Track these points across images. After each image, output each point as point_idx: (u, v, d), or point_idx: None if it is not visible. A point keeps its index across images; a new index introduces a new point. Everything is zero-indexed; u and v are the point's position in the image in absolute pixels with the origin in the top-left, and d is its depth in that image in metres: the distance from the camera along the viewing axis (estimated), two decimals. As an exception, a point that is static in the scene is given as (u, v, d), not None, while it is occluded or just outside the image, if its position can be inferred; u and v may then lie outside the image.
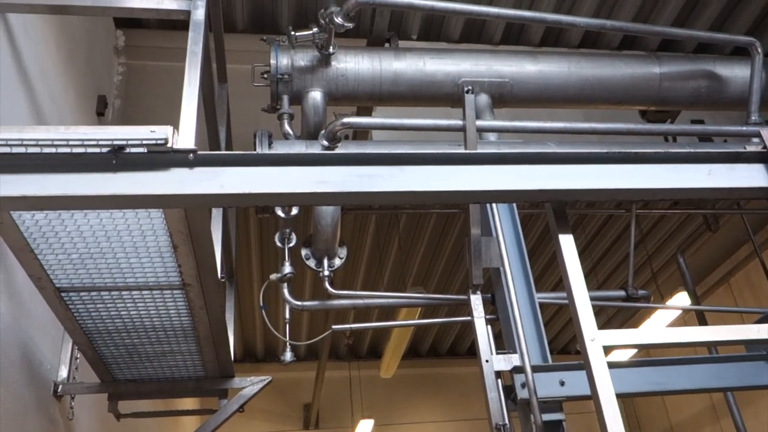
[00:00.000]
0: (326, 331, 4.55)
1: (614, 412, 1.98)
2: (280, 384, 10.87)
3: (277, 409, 11.33)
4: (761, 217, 7.74)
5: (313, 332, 9.79)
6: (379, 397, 11.57)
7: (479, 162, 2.31)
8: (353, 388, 11.11)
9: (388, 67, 4.31)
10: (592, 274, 9.06)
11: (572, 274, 2.25)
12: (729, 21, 5.60)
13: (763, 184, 2.40)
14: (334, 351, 11.37)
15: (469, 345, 11.52)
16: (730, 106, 4.90)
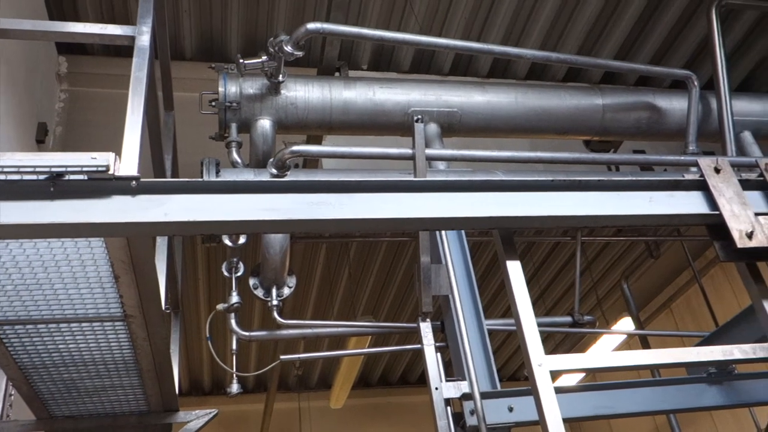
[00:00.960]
0: (275, 362, 4.47)
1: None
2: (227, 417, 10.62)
3: (224, 444, 11.04)
4: (700, 244, 7.99)
5: (262, 363, 9.61)
6: (329, 428, 11.39)
7: (428, 189, 2.33)
8: (303, 420, 10.91)
9: (339, 96, 4.33)
10: (540, 301, 9.19)
11: (519, 300, 2.27)
12: (668, 55, 5.82)
13: (701, 210, 2.48)
14: (284, 382, 11.17)
15: (419, 373, 11.48)
16: (669, 136, 5.08)
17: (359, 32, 3.92)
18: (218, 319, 4.67)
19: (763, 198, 2.57)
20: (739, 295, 8.30)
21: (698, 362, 2.46)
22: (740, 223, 2.41)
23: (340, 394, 8.94)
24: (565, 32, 5.60)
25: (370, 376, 11.76)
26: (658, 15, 5.48)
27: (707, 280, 8.52)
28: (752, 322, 3.41)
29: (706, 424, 9.32)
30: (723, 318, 4.65)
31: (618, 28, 5.55)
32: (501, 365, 11.31)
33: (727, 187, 2.52)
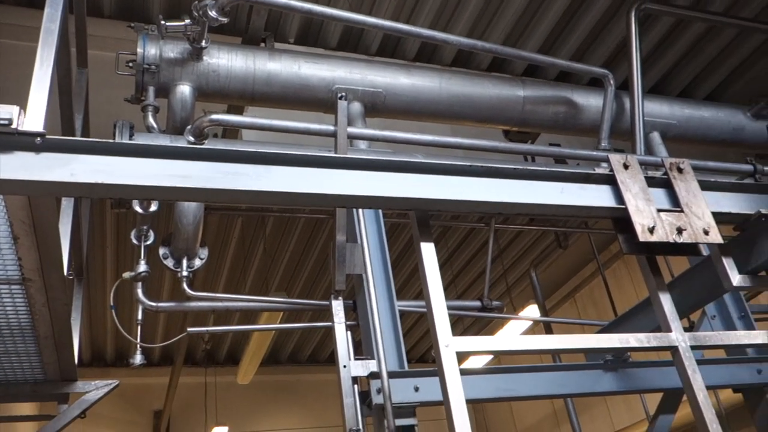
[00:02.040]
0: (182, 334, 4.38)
1: (463, 417, 2.04)
2: (129, 390, 10.36)
3: (126, 416, 10.77)
4: (606, 238, 8.35)
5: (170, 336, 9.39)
6: (235, 404, 11.30)
7: (347, 166, 2.31)
8: (208, 395, 10.78)
9: (263, 67, 4.24)
10: (452, 286, 9.38)
11: (431, 281, 2.30)
12: (588, 53, 6.00)
13: (609, 204, 2.58)
14: (191, 356, 10.99)
15: (329, 353, 11.54)
16: (583, 131, 5.25)
17: (287, 3, 3.84)
18: (125, 288, 4.52)
19: (666, 195, 2.70)
20: (638, 288, 8.75)
21: (597, 348, 2.58)
22: (643, 218, 2.52)
23: (248, 369, 8.87)
24: (492, 23, 5.68)
25: (280, 353, 11.73)
26: (582, 13, 5.64)
27: (610, 273, 8.93)
28: (649, 313, 3.60)
29: (601, 409, 9.81)
30: (623, 309, 4.88)
31: (543, 23, 5.68)
32: (410, 347, 11.51)
33: (634, 183, 2.63)
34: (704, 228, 2.58)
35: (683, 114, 5.39)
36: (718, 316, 4.17)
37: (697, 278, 3.12)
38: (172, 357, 10.16)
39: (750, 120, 5.52)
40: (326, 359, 11.85)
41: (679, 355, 2.43)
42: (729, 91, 6.53)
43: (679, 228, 2.54)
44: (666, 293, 2.60)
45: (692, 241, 2.55)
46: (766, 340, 2.72)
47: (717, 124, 5.49)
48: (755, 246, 2.69)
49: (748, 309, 4.14)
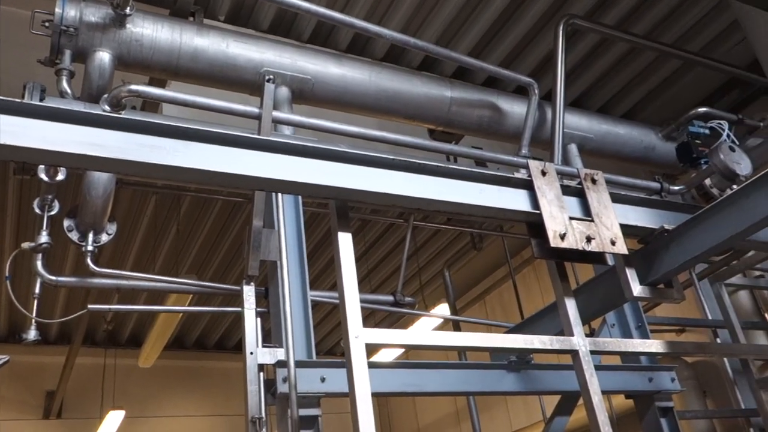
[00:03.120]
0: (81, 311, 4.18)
1: (368, 409, 2.04)
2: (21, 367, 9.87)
3: (15, 395, 10.25)
4: (519, 243, 8.58)
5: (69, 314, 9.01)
6: (134, 388, 10.95)
7: (268, 149, 2.27)
8: (106, 377, 10.40)
9: (189, 42, 4.10)
10: (367, 280, 9.42)
11: (346, 271, 2.29)
12: (517, 61, 6.13)
13: (525, 208, 2.64)
14: (90, 336, 10.57)
15: (237, 340, 11.36)
16: (506, 137, 5.37)
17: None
18: (24, 259, 4.29)
19: (579, 204, 2.78)
20: (545, 294, 9.04)
21: (502, 348, 2.63)
22: (556, 224, 2.59)
23: (150, 352, 8.61)
24: (426, 21, 5.72)
25: (186, 338, 11.45)
26: (514, 21, 5.76)
27: (520, 278, 9.19)
28: (554, 318, 3.71)
29: (501, 409, 10.09)
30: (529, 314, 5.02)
31: (475, 27, 5.76)
32: (321, 339, 11.48)
33: (550, 190, 2.70)
34: (612, 238, 2.68)
35: (600, 129, 5.59)
36: (617, 325, 4.35)
37: (600, 287, 3.24)
38: (70, 335, 9.74)
39: (661, 141, 5.79)
40: (234, 346, 11.66)
41: (578, 359, 2.51)
42: (644, 112, 6.83)
43: (588, 237, 2.63)
44: (571, 299, 2.69)
45: (600, 250, 2.64)
46: (659, 349, 2.86)
47: (631, 141, 5.72)
48: (656, 259, 2.82)
49: (644, 320, 4.35)
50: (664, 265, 2.84)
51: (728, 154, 3.44)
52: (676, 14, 5.77)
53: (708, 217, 2.72)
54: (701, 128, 5.13)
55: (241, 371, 3.24)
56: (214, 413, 11.41)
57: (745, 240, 2.88)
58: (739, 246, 3.17)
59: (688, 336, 7.07)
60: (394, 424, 13.08)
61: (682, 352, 3.75)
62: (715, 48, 6.13)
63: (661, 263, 2.85)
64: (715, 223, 2.70)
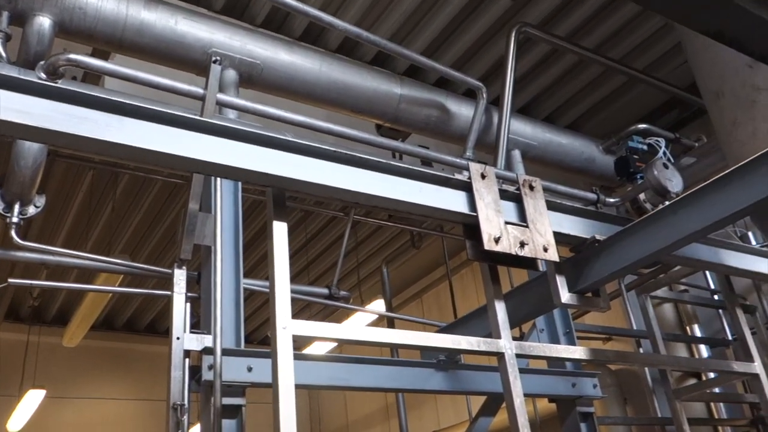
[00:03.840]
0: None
1: (290, 400, 2.01)
2: (-63, 340, 9.44)
3: (-71, 369, 9.81)
4: (458, 244, 8.66)
5: (-7, 286, 8.67)
6: (58, 368, 10.62)
7: (208, 131, 2.22)
8: (29, 354, 10.04)
9: (136, 15, 3.99)
10: (305, 272, 9.36)
11: (278, 260, 2.26)
12: (470, 63, 6.18)
13: (462, 209, 2.66)
14: (14, 311, 10.21)
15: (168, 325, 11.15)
16: (452, 138, 5.41)
17: (173, -47, 3.64)
18: (-57, 227, 4.10)
19: (515, 209, 2.82)
20: (481, 296, 9.16)
21: (431, 347, 2.64)
22: (491, 227, 2.62)
23: (76, 331, 8.35)
24: (383, 17, 5.71)
25: (115, 319, 11.17)
26: (468, 24, 5.80)
27: (457, 279, 9.30)
28: (485, 320, 3.76)
29: (430, 406, 10.19)
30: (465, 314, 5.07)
31: (430, 27, 5.78)
32: (253, 329, 11.37)
33: (488, 194, 2.72)
34: (544, 245, 2.73)
35: (545, 138, 5.69)
36: (546, 330, 4.44)
37: (531, 291, 3.29)
38: (-8, 310, 9.39)
39: (601, 153, 5.94)
40: (165, 331, 11.43)
41: (504, 362, 2.55)
42: (588, 124, 6.99)
43: (522, 242, 2.67)
44: (501, 302, 2.72)
45: (532, 256, 2.68)
46: (582, 356, 2.92)
47: (573, 152, 5.85)
48: (586, 268, 2.89)
49: (572, 326, 4.45)
50: (593, 275, 2.90)
51: (662, 171, 3.53)
52: (625, 32, 5.92)
53: (637, 231, 2.79)
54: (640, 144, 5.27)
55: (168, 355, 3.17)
56: (139, 398, 11.16)
57: (671, 255, 2.97)
58: (666, 260, 3.26)
59: (614, 344, 7.29)
60: (324, 418, 13.07)
61: (605, 360, 3.85)
62: (659, 67, 6.31)
63: (590, 272, 2.91)
64: (643, 237, 2.77)
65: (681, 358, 5.05)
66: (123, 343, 11.26)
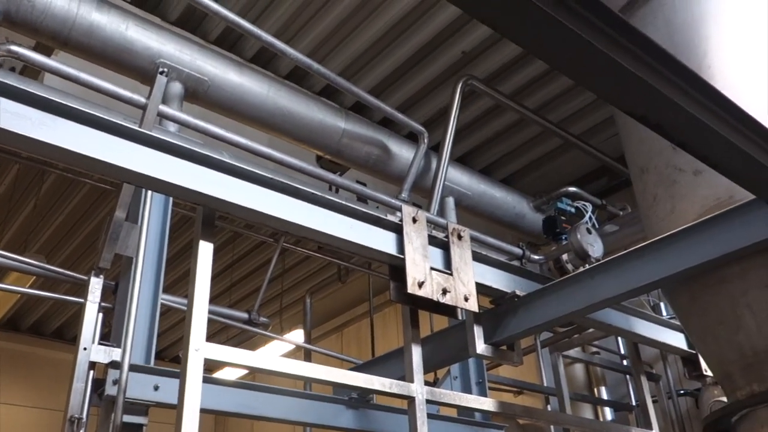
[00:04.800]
0: None
1: (193, 424, 1.97)
2: None
3: None
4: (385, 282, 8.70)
5: None
6: (-50, 366, 10.01)
7: (145, 143, 2.19)
8: None
9: (86, 15, 3.92)
10: (228, 293, 9.19)
11: (199, 281, 2.23)
12: (416, 106, 6.30)
13: (390, 250, 2.70)
14: None
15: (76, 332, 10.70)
16: (390, 178, 5.48)
17: (133, -41, 3.61)
18: None
19: (442, 256, 2.88)
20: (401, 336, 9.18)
21: (343, 384, 2.64)
22: (417, 271, 2.66)
23: (-23, 330, 7.91)
24: (336, 50, 5.78)
25: (22, 321, 10.65)
26: (418, 69, 5.93)
27: (380, 316, 9.31)
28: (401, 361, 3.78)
29: (337, 443, 10.02)
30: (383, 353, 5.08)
31: (382, 66, 5.89)
32: (166, 346, 11.05)
33: (417, 238, 2.77)
34: (466, 294, 2.78)
35: (479, 189, 5.84)
36: (460, 378, 4.48)
37: (449, 338, 3.34)
38: None
39: (531, 210, 6.12)
40: (72, 338, 10.95)
41: (414, 406, 2.57)
42: (522, 180, 7.20)
43: (444, 289, 2.72)
44: (418, 346, 2.76)
45: (453, 304, 2.73)
46: (490, 408, 2.98)
47: (505, 206, 6.01)
48: (503, 321, 2.96)
49: (486, 376, 4.51)
50: (510, 329, 2.98)
51: (585, 236, 3.68)
52: (565, 97, 6.18)
53: (556, 291, 2.89)
54: (569, 206, 5.47)
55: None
56: (40, 405, 10.60)
57: (586, 317, 3.08)
58: (580, 322, 3.38)
59: (524, 398, 7.41)
60: (229, 444, 12.72)
61: (513, 414, 3.92)
62: (594, 135, 6.59)
63: (507, 326, 2.99)
64: (561, 297, 2.87)
65: (585, 419, 5.18)
66: (27, 346, 10.72)
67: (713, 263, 2.42)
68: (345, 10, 5.47)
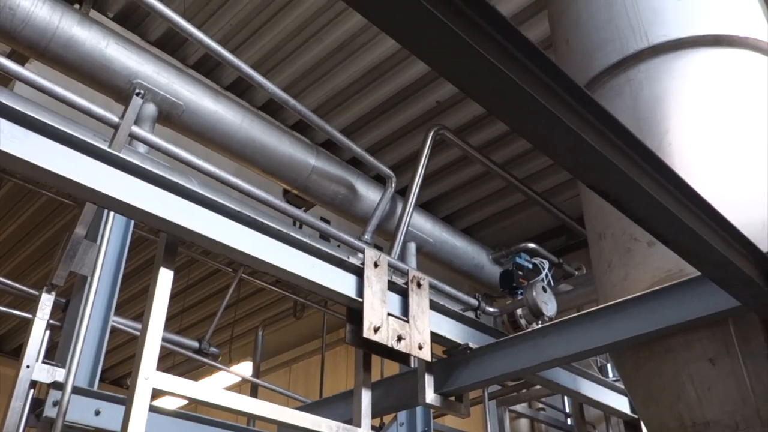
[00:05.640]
0: None
1: (135, 455, 1.94)
2: None
3: None
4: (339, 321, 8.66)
5: None
6: None
7: (115, 165, 2.19)
8: None
9: (67, 29, 3.91)
10: (179, 317, 9.04)
11: (156, 309, 2.21)
12: (387, 149, 6.40)
13: (349, 293, 2.72)
14: None
15: (18, 345, 10.36)
16: (355, 218, 5.51)
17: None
18: None
19: (400, 302, 2.91)
20: (351, 378, 9.11)
21: (288, 424, 2.62)
22: (374, 316, 2.68)
23: None
24: (315, 86, 5.87)
25: (-41, 329, 10.28)
26: (392, 113, 6.05)
27: (331, 355, 9.23)
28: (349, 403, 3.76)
29: (275, 481, 9.81)
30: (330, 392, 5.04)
31: (356, 107, 5.99)
32: (108, 366, 10.77)
33: (377, 282, 2.80)
34: (420, 343, 2.81)
35: (441, 237, 5.90)
36: (407, 425, 4.47)
37: (399, 385, 3.35)
38: None
39: (490, 262, 6.20)
40: (12, 351, 10.60)
41: (359, 451, 2.56)
42: (483, 231, 7.32)
43: (400, 336, 2.74)
44: (368, 390, 2.76)
45: (407, 352, 2.75)
46: (435, 457, 2.97)
47: (464, 255, 6.08)
48: (454, 372, 2.98)
49: (432, 426, 4.51)
50: (461, 380, 3.00)
51: (540, 294, 3.75)
52: (531, 155, 6.34)
53: (507, 346, 2.94)
54: (527, 262, 5.57)
55: (12, 380, 2.97)
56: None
57: (535, 374, 3.13)
58: (529, 378, 3.42)
59: (467, 449, 7.39)
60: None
61: (456, 465, 3.93)
62: (556, 194, 6.76)
63: (458, 377, 3.01)
64: (512, 353, 2.91)
65: (527, 474, 5.19)
66: (-39, 356, 10.33)
67: (660, 333, 2.49)
68: (326, 48, 5.57)
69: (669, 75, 2.99)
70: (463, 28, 1.22)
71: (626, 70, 3.10)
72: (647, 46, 3.06)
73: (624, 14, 3.22)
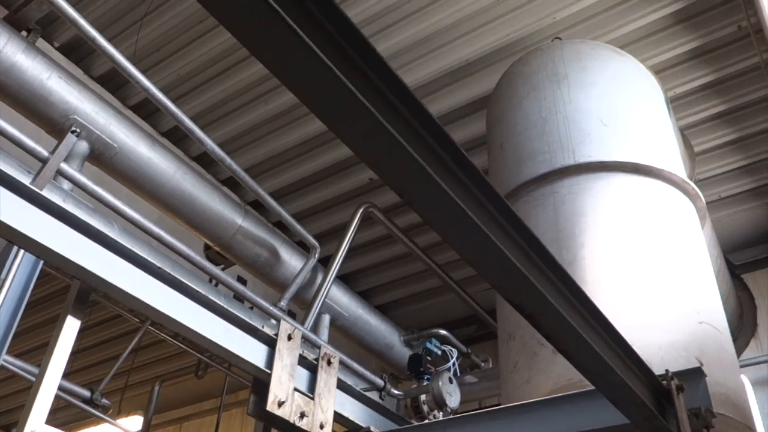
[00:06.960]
0: None
1: None
2: None
3: None
4: (239, 383, 8.43)
5: None
6: None
7: (38, 204, 2.16)
8: None
9: (11, 55, 3.83)
10: (70, 358, 8.57)
11: (56, 359, 2.14)
12: (315, 217, 6.44)
13: (259, 363, 2.70)
14: None
15: None
16: (273, 283, 5.47)
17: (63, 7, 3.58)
18: None
19: (308, 379, 2.90)
20: (243, 442, 8.82)
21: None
22: (280, 390, 2.66)
23: None
24: (252, 146, 5.91)
25: None
26: (325, 184, 6.14)
27: (227, 416, 8.93)
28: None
29: None
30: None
31: (292, 171, 6.05)
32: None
33: (288, 356, 2.79)
34: (322, 422, 2.80)
35: (356, 312, 5.92)
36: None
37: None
38: None
39: (401, 344, 6.24)
40: None
41: None
42: (398, 310, 7.38)
43: (303, 413, 2.72)
44: (263, 466, 2.70)
45: (308, 429, 2.73)
46: None
47: (377, 333, 6.10)
48: (353, 456, 2.97)
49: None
50: (357, 464, 2.99)
51: (446, 384, 3.81)
52: (454, 243, 6.50)
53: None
54: (436, 348, 5.64)
55: None
56: None
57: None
58: (425, 468, 3.43)
59: None
60: None
61: None
62: (472, 284, 6.91)
63: (355, 461, 3.00)
64: (412, 442, 2.93)
65: None
66: None
67: (556, 439, 2.58)
68: (271, 111, 5.67)
69: (589, 193, 3.20)
70: (392, 121, 1.27)
71: (552, 183, 3.29)
72: (573, 164, 3.28)
73: (556, 130, 3.44)
